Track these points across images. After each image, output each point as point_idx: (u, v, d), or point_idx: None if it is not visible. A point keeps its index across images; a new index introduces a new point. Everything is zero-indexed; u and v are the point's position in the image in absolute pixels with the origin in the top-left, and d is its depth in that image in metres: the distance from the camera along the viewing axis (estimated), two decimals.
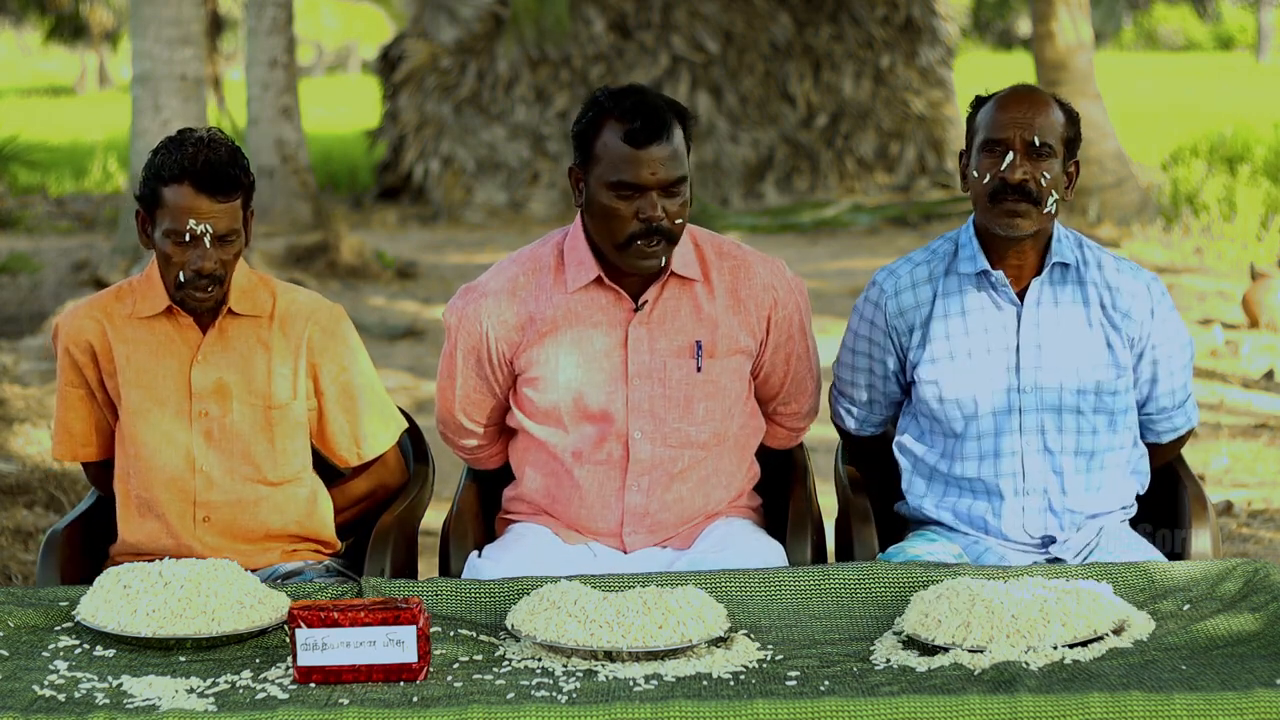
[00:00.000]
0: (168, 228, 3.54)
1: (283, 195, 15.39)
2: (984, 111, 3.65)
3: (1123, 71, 32.85)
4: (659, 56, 17.12)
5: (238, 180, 3.55)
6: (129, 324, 3.68)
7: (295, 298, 3.76)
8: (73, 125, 26.10)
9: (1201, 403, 8.18)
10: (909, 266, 3.75)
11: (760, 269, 3.73)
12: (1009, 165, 3.54)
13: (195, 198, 3.52)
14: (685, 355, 3.64)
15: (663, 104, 3.52)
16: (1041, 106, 3.60)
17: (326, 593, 3.33)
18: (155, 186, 3.57)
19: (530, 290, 3.67)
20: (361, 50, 43.59)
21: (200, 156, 3.53)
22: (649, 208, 3.47)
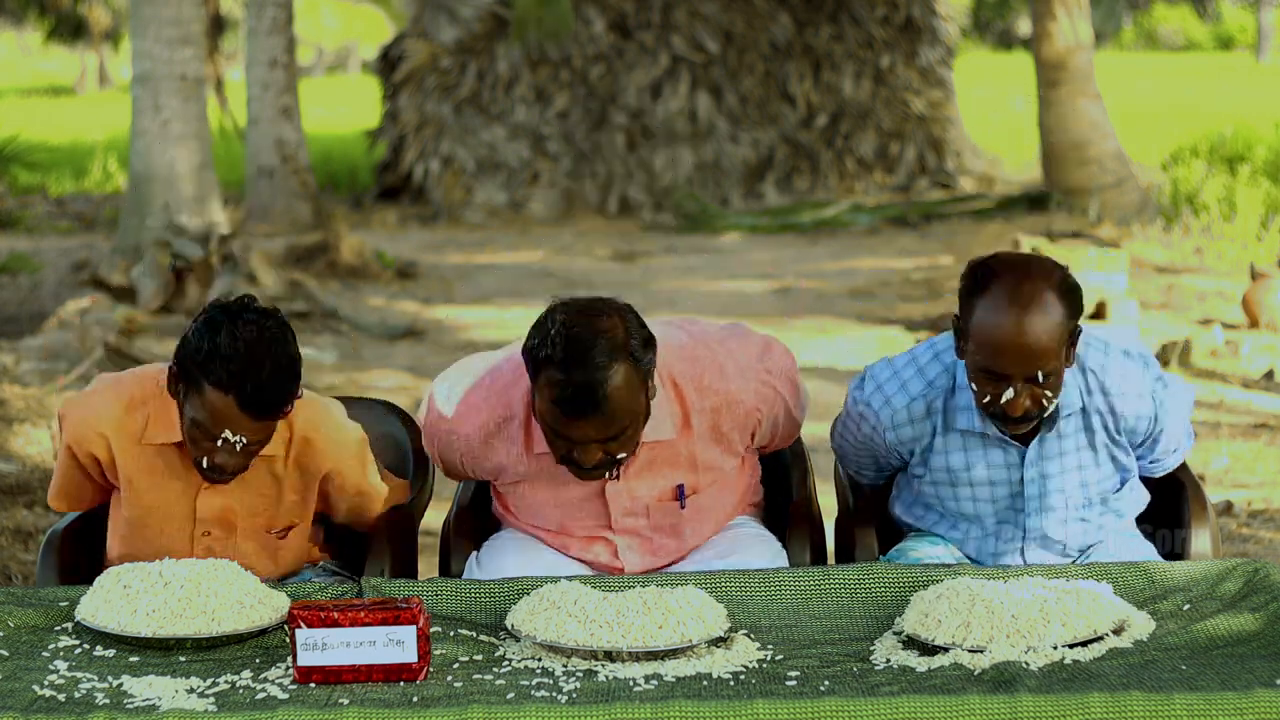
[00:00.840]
0: (199, 419, 3.35)
1: (283, 195, 15.39)
2: (978, 321, 3.32)
3: (1123, 71, 32.85)
4: (659, 56, 17.11)
5: (286, 402, 3.35)
6: (135, 447, 3.53)
7: (312, 438, 3.57)
8: (73, 125, 26.10)
9: (1201, 402, 8.18)
10: (904, 399, 3.56)
11: (745, 396, 3.54)
12: (1008, 401, 3.34)
13: (238, 415, 3.32)
14: (667, 498, 3.57)
15: (606, 359, 3.22)
16: (1042, 328, 3.28)
17: (326, 593, 3.33)
18: (199, 377, 3.32)
19: (500, 440, 3.52)
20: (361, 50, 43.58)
21: (254, 375, 3.28)
22: (582, 455, 3.30)
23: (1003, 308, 3.29)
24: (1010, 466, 3.57)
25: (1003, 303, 3.30)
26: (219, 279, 10.81)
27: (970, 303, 3.35)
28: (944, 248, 14.08)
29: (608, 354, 3.23)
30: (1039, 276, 3.33)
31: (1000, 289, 3.31)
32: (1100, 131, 14.54)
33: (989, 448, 3.56)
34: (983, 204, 15.87)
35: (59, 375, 8.71)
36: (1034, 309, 3.29)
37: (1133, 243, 12.96)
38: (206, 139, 11.76)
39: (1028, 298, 3.29)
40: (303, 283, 11.67)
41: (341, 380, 9.36)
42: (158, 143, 11.47)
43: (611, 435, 3.27)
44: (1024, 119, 21.81)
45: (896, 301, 11.74)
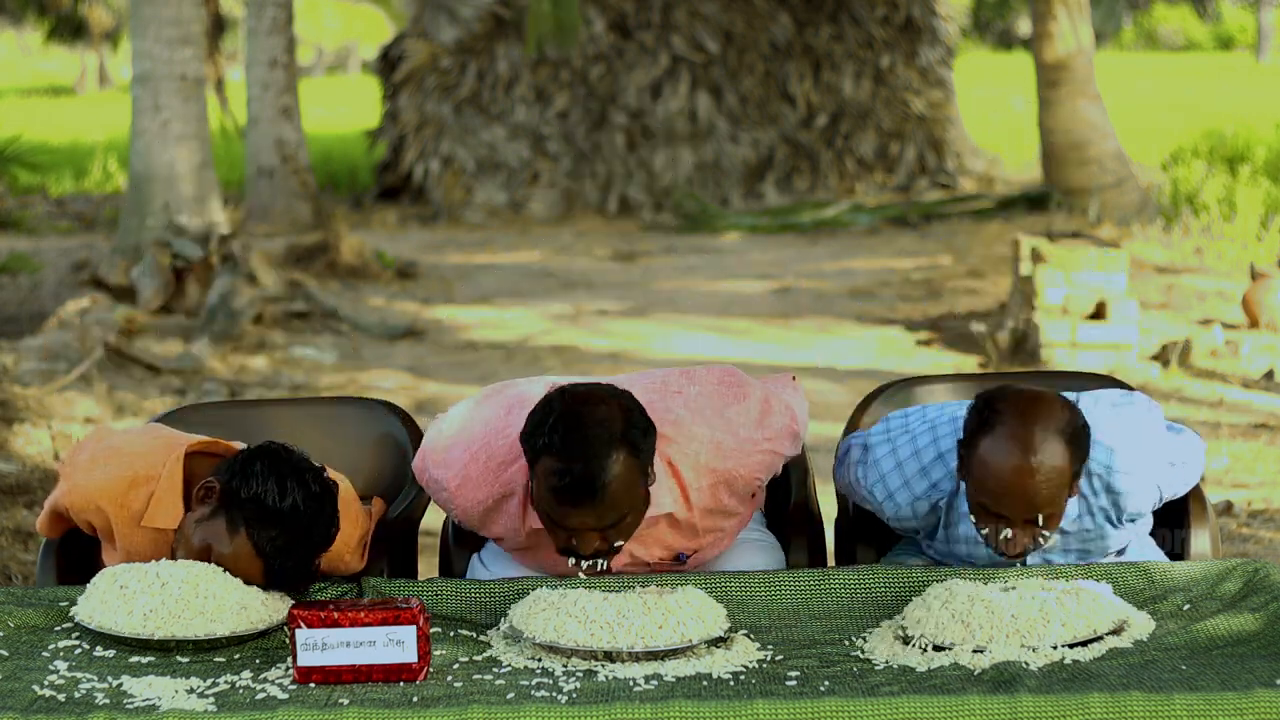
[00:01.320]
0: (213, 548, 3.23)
1: (283, 195, 15.39)
2: (981, 458, 3.25)
3: (1123, 71, 32.85)
4: (659, 56, 17.11)
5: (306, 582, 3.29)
6: (136, 528, 3.45)
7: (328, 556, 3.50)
8: (73, 125, 26.10)
9: (1201, 402, 8.18)
10: (908, 497, 3.52)
11: (743, 468, 3.47)
12: (1006, 540, 3.29)
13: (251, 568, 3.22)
14: (668, 559, 3.53)
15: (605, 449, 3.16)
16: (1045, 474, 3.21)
17: (326, 593, 3.33)
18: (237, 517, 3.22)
19: (498, 515, 3.46)
20: (361, 50, 43.58)
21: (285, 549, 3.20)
22: (580, 543, 3.25)
23: (1007, 452, 3.22)
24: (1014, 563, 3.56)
25: (1007, 447, 3.22)
26: (219, 279, 10.80)
27: (975, 439, 3.28)
28: (944, 248, 14.08)
29: (606, 443, 3.16)
30: (1047, 421, 3.25)
31: (1006, 431, 3.23)
32: (1100, 131, 14.54)
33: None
34: (983, 204, 15.87)
35: (59, 375, 8.71)
36: (1038, 457, 3.21)
37: (1133, 243, 12.96)
38: (206, 139, 11.76)
39: (1033, 445, 3.22)
40: (303, 283, 11.67)
41: (341, 380, 9.36)
42: (158, 143, 11.47)
43: (610, 524, 3.21)
44: (1024, 119, 21.81)
45: (896, 301, 11.74)
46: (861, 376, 8.89)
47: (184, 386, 9.02)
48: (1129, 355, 8.95)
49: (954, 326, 10.45)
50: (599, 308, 11.69)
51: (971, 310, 10.97)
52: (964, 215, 15.66)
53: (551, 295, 12.31)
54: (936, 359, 9.56)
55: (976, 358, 9.46)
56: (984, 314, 10.65)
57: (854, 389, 8.27)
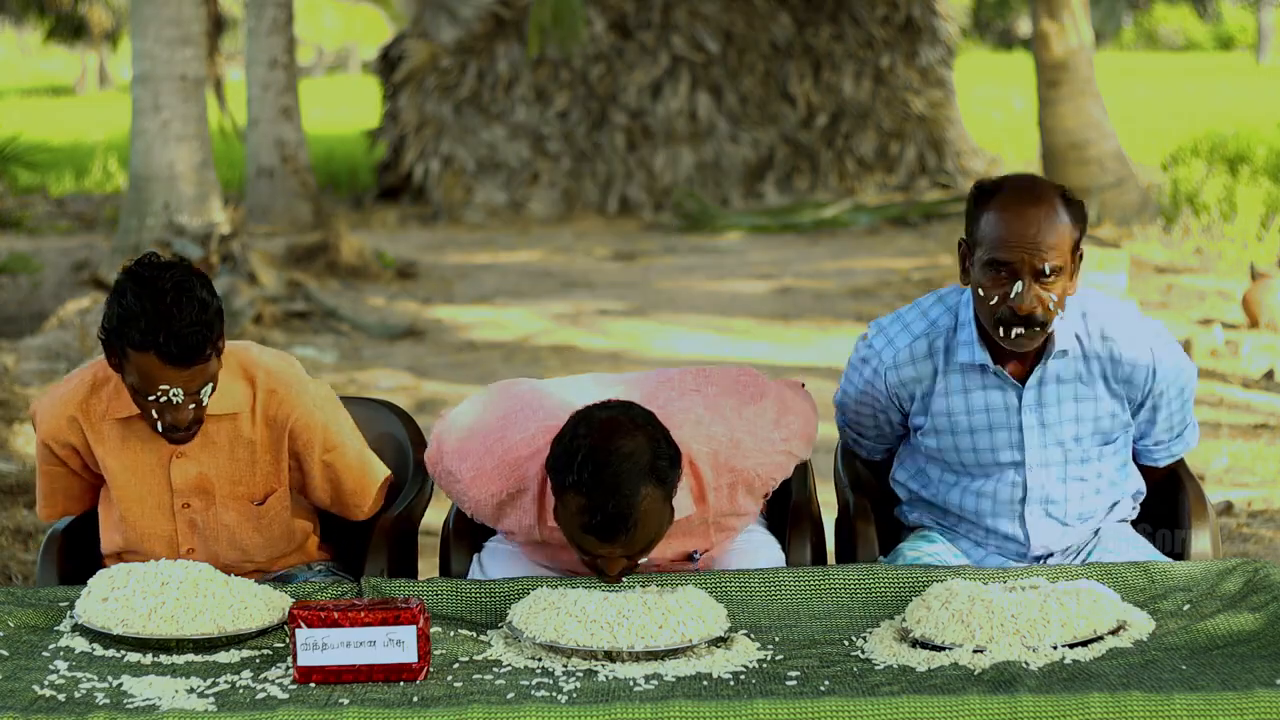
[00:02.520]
0: (134, 384, 3.38)
1: (283, 195, 15.39)
2: (987, 220, 3.46)
3: (1123, 71, 32.85)
4: (659, 56, 17.11)
5: (206, 347, 3.34)
6: (104, 424, 3.55)
7: (275, 389, 3.59)
8: (73, 125, 26.10)
9: (1201, 401, 8.18)
10: (907, 339, 3.66)
11: (761, 469, 3.50)
12: (1016, 295, 3.42)
13: (162, 368, 3.33)
14: (680, 559, 3.54)
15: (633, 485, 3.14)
16: (1049, 221, 3.41)
17: (326, 593, 3.33)
18: (118, 342, 3.35)
19: (512, 509, 3.47)
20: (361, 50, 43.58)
21: (165, 326, 3.29)
22: (609, 566, 3.23)
23: (1011, 203, 3.44)
24: (1009, 410, 3.61)
25: (1011, 200, 3.45)
26: (219, 279, 10.80)
27: (978, 212, 3.49)
28: (944, 248, 14.07)
29: (635, 479, 3.14)
30: (1046, 184, 3.50)
31: (1008, 192, 3.47)
32: (1100, 131, 14.54)
33: (988, 388, 3.61)
34: None
35: (59, 375, 8.71)
36: (1041, 204, 3.43)
37: (1133, 243, 12.96)
38: (206, 139, 11.76)
39: (1035, 195, 3.45)
40: (303, 283, 11.67)
41: (341, 380, 9.36)
42: (158, 143, 11.47)
43: (638, 551, 3.24)
44: (1024, 119, 21.81)
45: (897, 301, 11.73)
46: None
47: None
48: None
49: None
50: (599, 308, 11.69)
51: None
52: (963, 216, 15.63)
53: (551, 295, 12.32)
54: None
55: None
56: None
57: None
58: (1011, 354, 3.58)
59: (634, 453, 3.16)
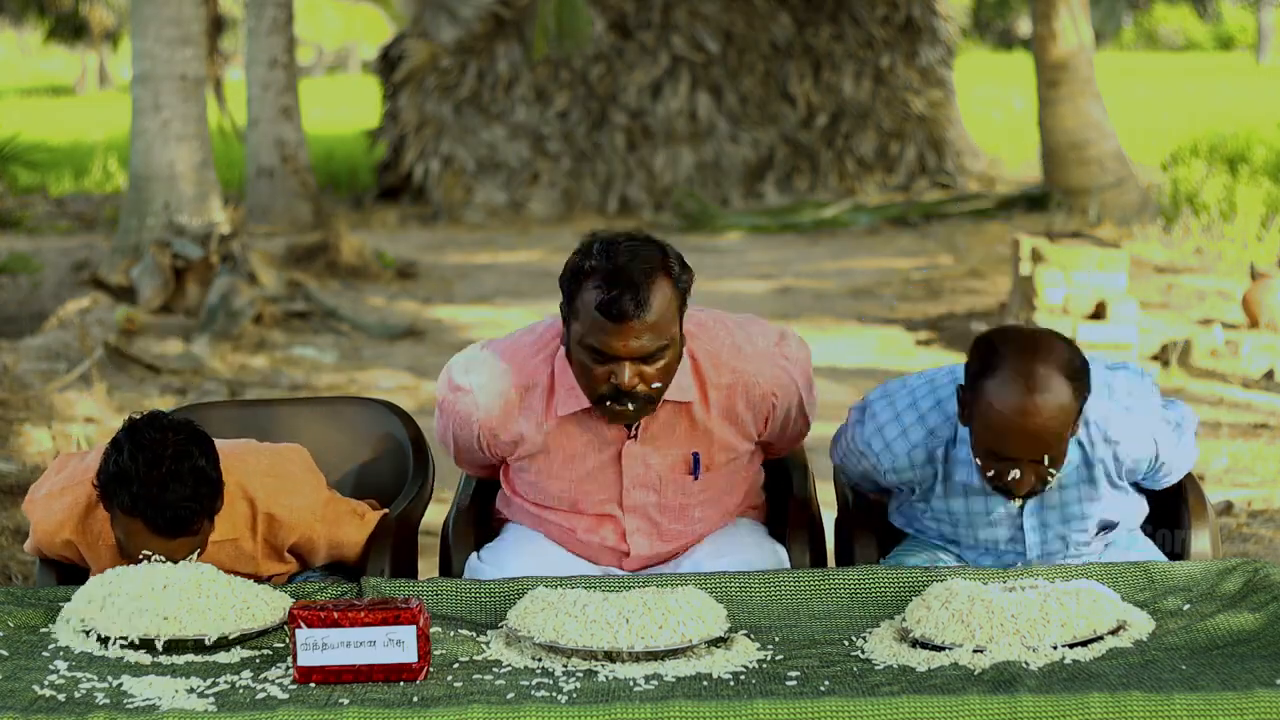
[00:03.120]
0: (120, 540, 3.27)
1: (283, 195, 15.39)
2: (985, 401, 3.27)
3: (1123, 71, 32.85)
4: (659, 56, 17.11)
5: (195, 521, 3.23)
6: (100, 544, 3.47)
7: (275, 513, 3.51)
8: (73, 125, 26.09)
9: (1201, 401, 8.18)
10: (905, 447, 3.54)
11: (761, 378, 3.57)
12: (1015, 480, 3.33)
13: (149, 536, 3.22)
14: (681, 470, 3.58)
15: (647, 266, 3.32)
16: (1050, 416, 3.24)
17: (327, 593, 3.33)
18: (108, 500, 3.23)
19: (521, 410, 3.54)
20: (361, 50, 43.58)
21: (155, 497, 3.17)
22: (622, 374, 3.34)
23: (1011, 394, 3.25)
24: (1010, 515, 3.58)
25: (1011, 389, 3.25)
26: (219, 279, 10.80)
27: (978, 381, 3.30)
28: (944, 247, 14.07)
29: (648, 265, 3.33)
30: (1048, 360, 3.27)
31: (1009, 372, 3.26)
32: (1100, 131, 14.54)
33: (989, 496, 3.55)
34: (983, 204, 15.86)
35: (59, 375, 8.71)
36: (1042, 396, 3.24)
37: (1133, 243, 12.96)
38: (206, 139, 11.76)
39: (1037, 384, 3.24)
40: (303, 283, 11.67)
41: (341, 380, 9.36)
42: (158, 143, 11.47)
43: (651, 351, 3.33)
44: (1024, 119, 21.81)
45: (896, 302, 11.74)
46: (862, 376, 8.90)
47: (184, 386, 9.02)
48: (1129, 355, 8.95)
49: (954, 326, 10.45)
50: None
51: (971, 310, 10.97)
52: (964, 215, 15.66)
53: (551, 295, 12.23)
54: (937, 359, 9.55)
55: None
56: (984, 314, 10.65)
57: (854, 388, 8.27)
58: None
59: (645, 248, 3.36)
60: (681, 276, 3.40)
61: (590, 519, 3.64)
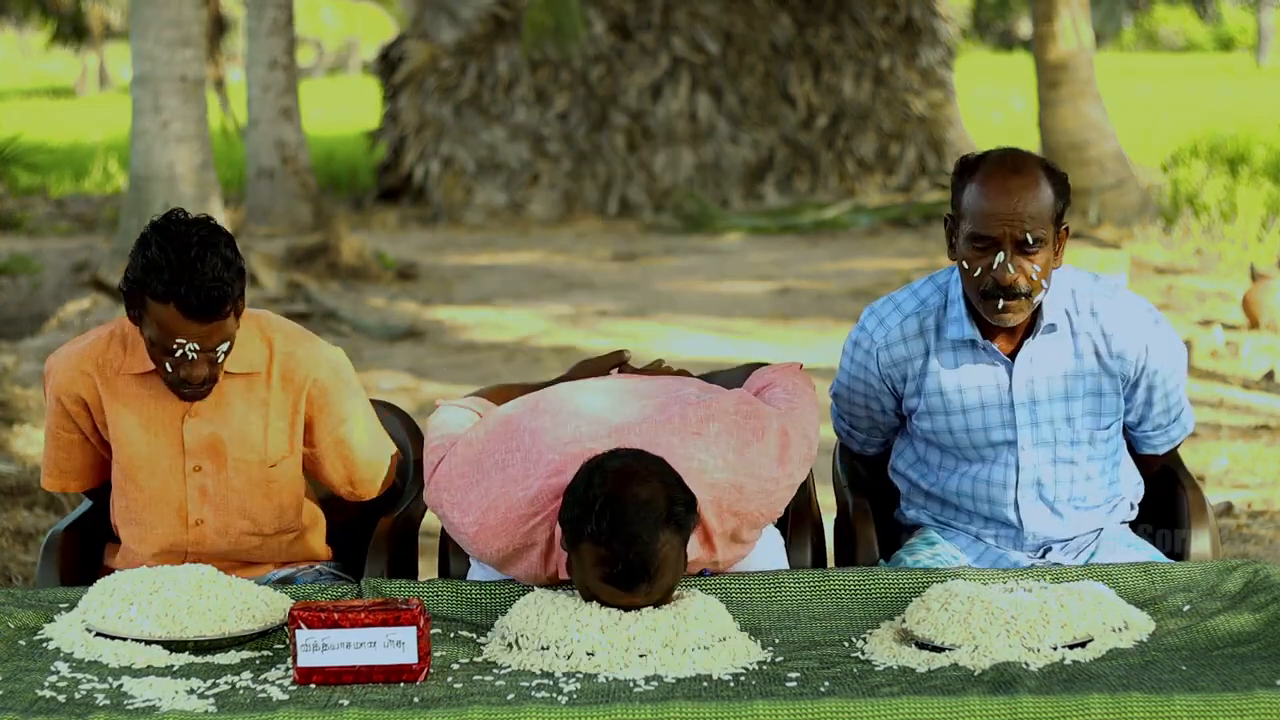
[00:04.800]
0: (153, 337, 3.41)
1: (283, 196, 15.39)
2: (970, 193, 3.51)
3: (1123, 71, 32.85)
4: (659, 57, 17.11)
5: (226, 303, 3.38)
6: (119, 379, 3.56)
7: (294, 351, 3.61)
8: (73, 126, 26.10)
9: (1201, 402, 8.18)
10: (898, 318, 3.69)
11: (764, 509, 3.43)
12: (999, 265, 3.47)
13: (182, 321, 3.36)
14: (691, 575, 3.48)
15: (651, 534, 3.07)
16: (1030, 193, 3.46)
17: (327, 594, 3.33)
18: (140, 293, 3.39)
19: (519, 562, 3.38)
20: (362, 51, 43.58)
21: (186, 278, 3.33)
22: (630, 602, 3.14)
23: (992, 174, 3.48)
24: (1000, 388, 3.62)
25: (992, 171, 3.49)
26: None
27: (960, 185, 3.53)
28: (944, 249, 14.06)
29: (654, 527, 3.09)
30: (1028, 157, 3.53)
31: (990, 163, 3.50)
32: (1100, 132, 14.54)
33: (979, 363, 3.62)
34: None
35: None
36: (1022, 176, 3.47)
37: (1133, 243, 12.96)
38: (206, 140, 11.76)
39: (1016, 167, 3.49)
40: (303, 284, 11.68)
41: None
42: (158, 143, 11.47)
43: (658, 597, 3.16)
44: (1024, 119, 21.81)
45: None
46: None
47: None
48: None
49: None
50: (599, 309, 11.69)
51: None
52: None
53: (552, 296, 12.31)
54: None
55: None
56: None
57: None
58: (1001, 329, 3.59)
59: (651, 500, 3.10)
60: (687, 521, 3.15)
61: None
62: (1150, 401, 3.69)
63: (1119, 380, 3.64)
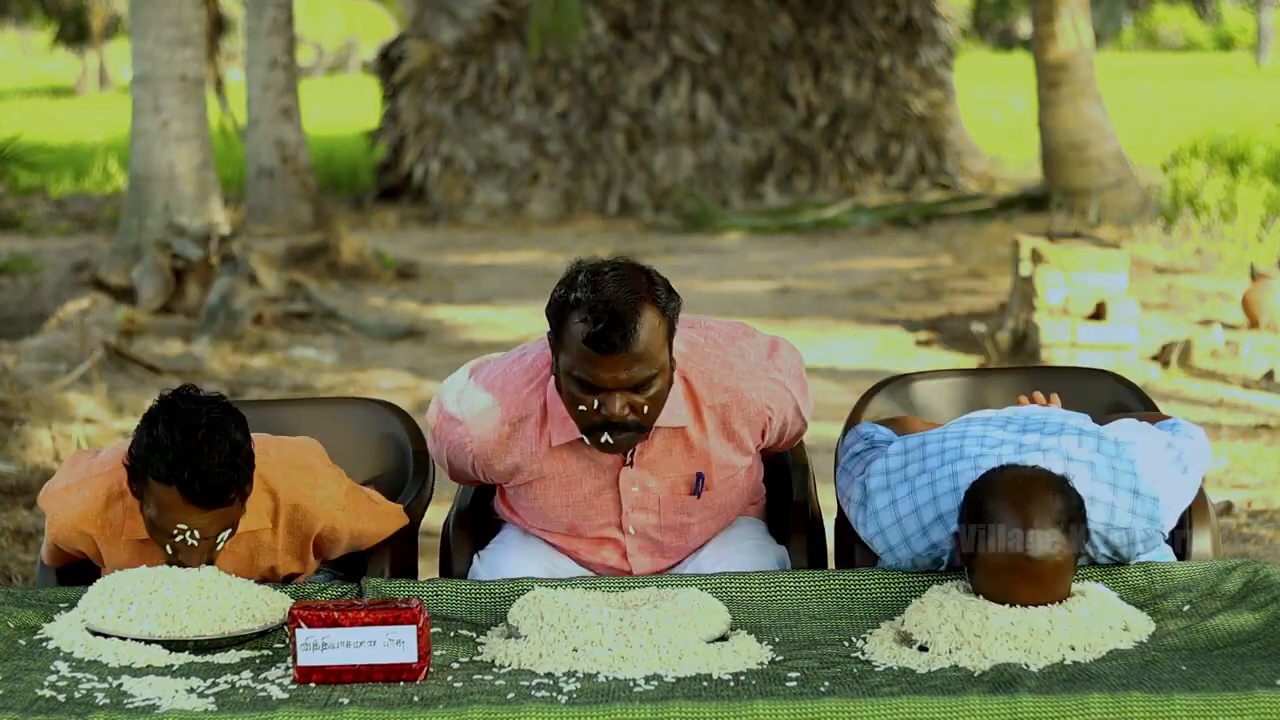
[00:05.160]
0: (153, 517, 3.24)
1: (283, 196, 15.39)
2: (982, 568, 3.08)
3: (1123, 71, 32.85)
4: (659, 57, 17.11)
5: (231, 490, 3.22)
6: (119, 541, 3.44)
7: (299, 504, 3.49)
8: (73, 126, 26.09)
9: (1201, 402, 8.18)
10: (909, 555, 3.36)
11: (755, 394, 3.53)
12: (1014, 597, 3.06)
13: (184, 507, 3.20)
14: (681, 489, 3.56)
15: (632, 296, 3.27)
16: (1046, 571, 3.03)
17: (327, 593, 3.33)
18: (144, 472, 3.22)
19: (515, 441, 3.52)
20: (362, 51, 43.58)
21: (191, 462, 3.17)
22: (611, 405, 3.30)
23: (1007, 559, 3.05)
24: None
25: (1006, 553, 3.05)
26: (219, 279, 10.80)
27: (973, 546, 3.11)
28: (944, 248, 14.07)
29: (634, 294, 3.29)
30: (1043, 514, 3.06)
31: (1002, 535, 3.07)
32: (1100, 132, 14.54)
33: None
34: (983, 204, 15.86)
35: (59, 375, 8.71)
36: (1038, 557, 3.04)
37: (1133, 243, 12.96)
38: (206, 139, 11.76)
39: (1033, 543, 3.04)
40: (303, 283, 11.67)
41: (341, 380, 9.36)
42: (158, 143, 11.46)
43: (640, 381, 3.30)
44: (1024, 119, 21.81)
45: (897, 302, 11.74)
46: (862, 377, 8.89)
47: None
48: (1129, 356, 8.95)
49: (954, 327, 10.45)
50: None
51: (971, 310, 10.97)
52: (964, 215, 15.66)
53: None
54: (937, 359, 9.55)
55: (977, 358, 9.46)
56: (984, 314, 10.65)
57: (854, 389, 8.25)
58: None
59: (631, 277, 3.33)
60: (669, 304, 3.34)
61: (590, 541, 3.63)
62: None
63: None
